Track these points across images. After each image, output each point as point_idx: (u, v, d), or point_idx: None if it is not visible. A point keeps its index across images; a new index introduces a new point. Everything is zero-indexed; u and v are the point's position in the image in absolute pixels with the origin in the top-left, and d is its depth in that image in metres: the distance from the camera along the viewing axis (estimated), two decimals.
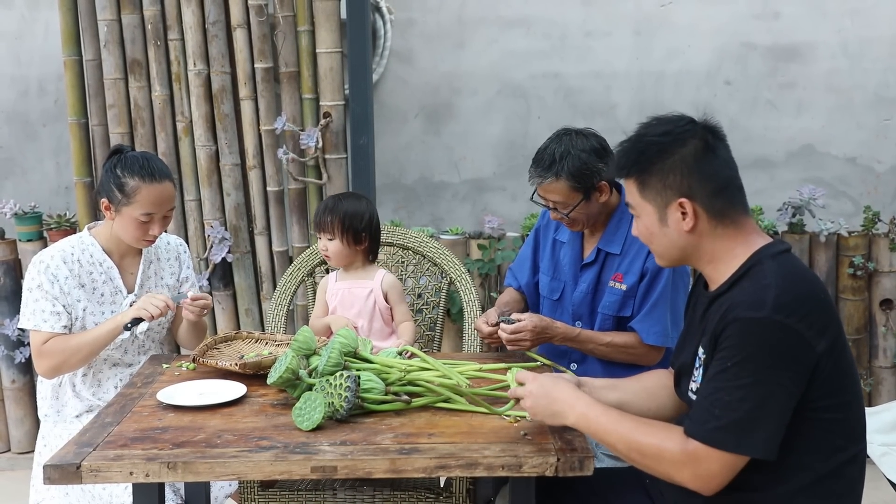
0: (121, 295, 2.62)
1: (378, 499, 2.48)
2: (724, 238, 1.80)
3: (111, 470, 1.79)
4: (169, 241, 2.79)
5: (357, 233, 2.65)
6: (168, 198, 2.55)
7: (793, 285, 1.70)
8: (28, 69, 4.12)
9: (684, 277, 2.59)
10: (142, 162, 2.53)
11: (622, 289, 2.58)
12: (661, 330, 2.54)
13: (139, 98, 3.80)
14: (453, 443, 1.88)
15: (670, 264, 1.91)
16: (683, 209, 1.78)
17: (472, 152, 4.18)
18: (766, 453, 1.67)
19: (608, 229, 2.63)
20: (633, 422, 1.79)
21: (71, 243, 2.59)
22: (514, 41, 4.10)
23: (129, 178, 2.50)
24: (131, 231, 2.54)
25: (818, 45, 4.06)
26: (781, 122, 4.11)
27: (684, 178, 1.78)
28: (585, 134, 2.56)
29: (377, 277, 2.68)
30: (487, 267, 3.80)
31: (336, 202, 2.68)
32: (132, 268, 2.67)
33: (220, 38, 3.74)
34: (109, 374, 2.61)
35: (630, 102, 4.10)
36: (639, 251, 2.57)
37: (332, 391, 1.98)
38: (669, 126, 1.82)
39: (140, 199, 2.50)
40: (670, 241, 1.83)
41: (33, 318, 2.50)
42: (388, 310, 2.68)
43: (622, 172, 1.86)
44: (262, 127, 3.79)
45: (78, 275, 2.55)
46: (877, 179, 4.14)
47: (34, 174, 4.20)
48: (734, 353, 1.67)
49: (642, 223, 1.86)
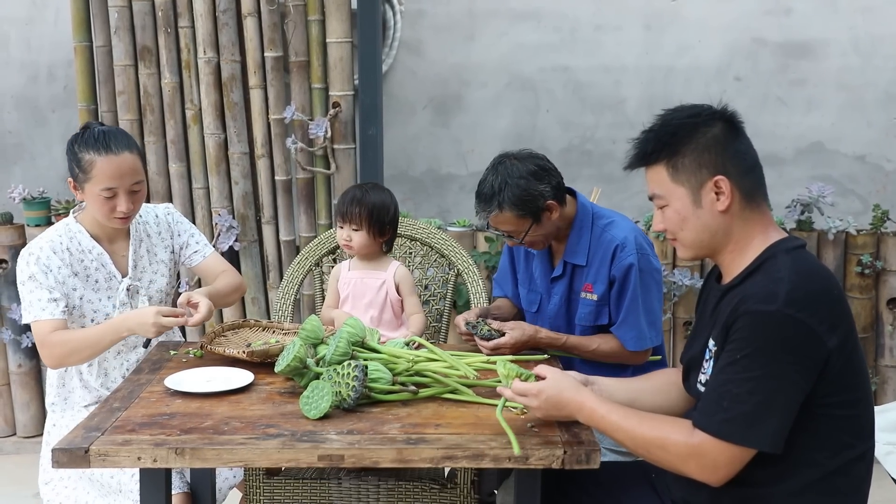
0: (115, 280, 2.55)
1: (383, 489, 2.49)
2: (750, 223, 1.80)
3: (119, 455, 1.80)
4: (157, 214, 2.69)
5: (383, 225, 2.64)
6: (128, 170, 2.42)
7: (806, 280, 1.69)
8: (38, 55, 4.12)
9: (654, 275, 2.56)
10: (97, 135, 2.43)
11: (593, 299, 2.56)
12: (636, 335, 2.52)
13: (149, 85, 3.81)
14: (460, 434, 1.88)
15: (696, 255, 1.88)
16: (719, 188, 1.78)
17: (480, 145, 4.18)
18: (773, 447, 1.67)
19: (570, 240, 2.59)
20: (639, 416, 1.80)
21: (58, 232, 2.51)
22: (524, 34, 4.09)
23: (85, 152, 2.41)
24: (98, 208, 2.44)
25: (829, 41, 4.05)
26: (791, 118, 4.10)
27: (718, 155, 1.78)
28: (520, 157, 2.51)
29: (390, 269, 2.68)
30: (494, 260, 3.80)
31: (363, 193, 2.64)
32: (123, 250, 2.58)
33: (231, 27, 3.74)
34: (115, 364, 2.58)
35: (639, 97, 4.09)
36: (603, 259, 2.54)
37: (339, 380, 1.98)
38: (695, 110, 1.84)
39: (97, 174, 2.40)
40: (703, 224, 1.81)
41: (32, 310, 2.42)
42: (398, 302, 2.68)
43: (650, 159, 1.84)
44: (271, 116, 3.79)
45: (69, 263, 2.48)
46: (886, 178, 4.13)
47: (43, 160, 4.21)
48: (744, 346, 1.67)
49: (672, 209, 1.83)
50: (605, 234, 2.55)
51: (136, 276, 2.59)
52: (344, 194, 2.69)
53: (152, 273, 2.63)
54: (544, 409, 1.86)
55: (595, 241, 2.56)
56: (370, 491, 2.51)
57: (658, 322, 2.58)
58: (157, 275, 2.64)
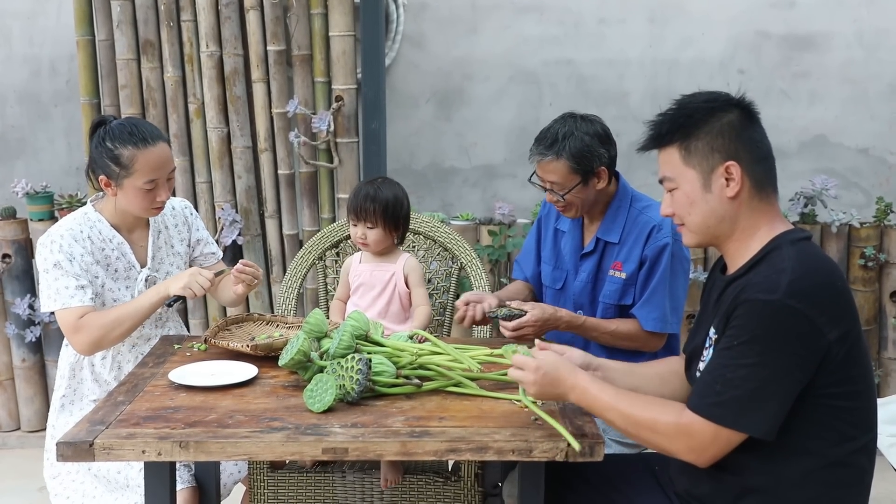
0: (134, 270, 2.55)
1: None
2: (757, 213, 1.80)
3: (123, 448, 1.80)
4: (174, 206, 2.68)
5: (397, 220, 2.63)
6: (167, 159, 2.45)
7: (809, 272, 1.70)
8: (41, 49, 4.12)
9: (683, 263, 2.59)
10: (129, 129, 2.41)
11: (622, 277, 2.59)
12: (659, 316, 2.55)
13: (151, 79, 3.80)
14: (464, 427, 1.88)
15: (700, 241, 1.88)
16: (729, 173, 1.78)
17: (483, 138, 4.17)
18: (764, 433, 1.68)
19: (606, 218, 2.63)
20: (631, 398, 1.82)
21: (77, 221, 2.49)
22: (527, 27, 4.08)
23: (122, 147, 2.39)
24: (138, 202, 2.44)
25: (833, 34, 4.04)
26: (795, 111, 4.09)
27: (732, 141, 1.79)
28: (590, 119, 2.57)
29: (400, 261, 2.68)
30: (498, 253, 3.80)
31: (376, 190, 2.61)
32: (142, 241, 2.58)
33: (233, 20, 3.74)
34: (129, 357, 2.57)
35: (643, 91, 4.09)
36: (637, 239, 2.57)
37: (343, 374, 1.99)
38: (712, 96, 1.85)
39: (140, 168, 2.39)
40: (711, 209, 1.81)
41: (59, 298, 2.39)
42: (407, 294, 2.67)
43: (664, 140, 1.85)
44: (273, 110, 3.79)
45: (91, 251, 2.47)
46: (889, 171, 4.13)
47: (46, 154, 4.21)
48: (742, 333, 1.68)
49: (682, 192, 1.84)
50: (643, 215, 2.59)
51: (154, 268, 2.59)
52: (356, 192, 2.65)
53: (169, 265, 2.64)
54: (539, 385, 1.85)
55: (631, 221, 2.60)
56: (374, 484, 2.51)
57: (680, 309, 2.59)
58: (174, 267, 2.65)
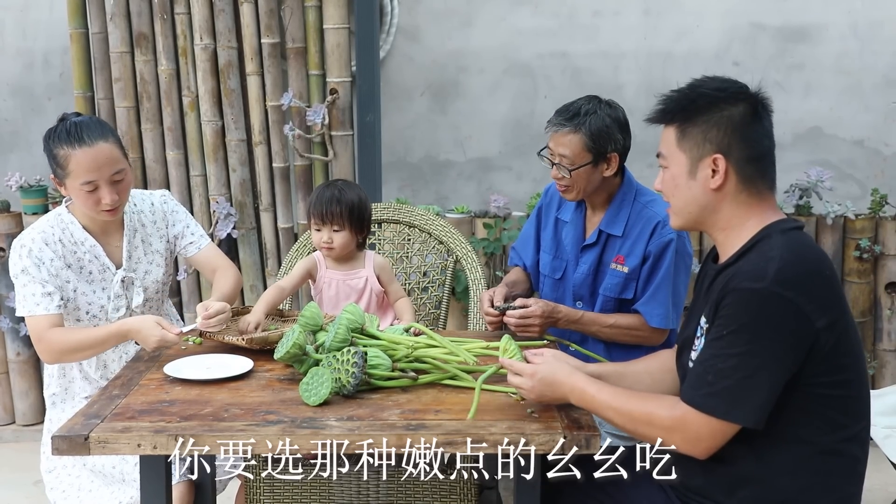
0: (109, 272, 2.50)
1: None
2: (744, 206, 1.81)
3: (119, 442, 1.80)
4: (153, 203, 2.61)
5: (363, 222, 2.60)
6: (106, 160, 2.34)
7: (797, 260, 1.71)
8: (34, 42, 4.10)
9: (686, 259, 2.59)
10: (69, 128, 2.34)
11: (624, 271, 2.58)
12: (663, 312, 2.55)
13: (145, 72, 3.79)
14: (460, 419, 1.88)
15: (684, 225, 1.90)
16: (716, 166, 1.79)
17: (478, 131, 4.17)
18: (755, 423, 1.70)
19: (610, 210, 2.62)
20: (627, 395, 1.84)
21: (50, 223, 2.45)
22: (521, 19, 4.07)
23: (58, 147, 2.34)
24: (83, 203, 2.37)
25: (828, 26, 4.04)
26: (789, 103, 4.08)
27: (727, 135, 1.79)
28: (614, 105, 2.58)
29: (368, 263, 2.65)
30: (493, 246, 3.80)
31: (340, 192, 2.57)
32: (117, 241, 2.52)
33: (227, 13, 3.72)
34: (114, 357, 2.56)
35: (638, 83, 4.08)
36: (641, 233, 2.57)
37: (339, 367, 1.99)
38: (725, 84, 1.84)
39: (74, 168, 2.32)
40: (693, 196, 1.83)
41: (26, 304, 2.37)
42: (382, 293, 2.65)
43: (666, 117, 1.86)
44: (268, 103, 3.78)
45: (62, 255, 2.43)
46: (884, 162, 4.13)
47: (39, 147, 4.11)
48: (731, 322, 1.69)
49: (669, 174, 1.86)
50: (647, 209, 2.58)
51: (130, 268, 2.54)
52: (318, 195, 2.60)
53: (147, 263, 2.60)
54: (538, 390, 1.88)
55: (635, 215, 2.59)
56: (369, 479, 2.50)
57: (680, 306, 2.60)
58: (153, 265, 2.61)
